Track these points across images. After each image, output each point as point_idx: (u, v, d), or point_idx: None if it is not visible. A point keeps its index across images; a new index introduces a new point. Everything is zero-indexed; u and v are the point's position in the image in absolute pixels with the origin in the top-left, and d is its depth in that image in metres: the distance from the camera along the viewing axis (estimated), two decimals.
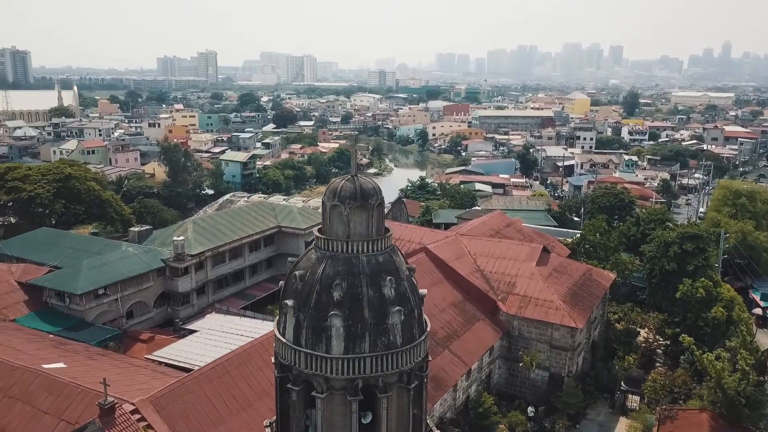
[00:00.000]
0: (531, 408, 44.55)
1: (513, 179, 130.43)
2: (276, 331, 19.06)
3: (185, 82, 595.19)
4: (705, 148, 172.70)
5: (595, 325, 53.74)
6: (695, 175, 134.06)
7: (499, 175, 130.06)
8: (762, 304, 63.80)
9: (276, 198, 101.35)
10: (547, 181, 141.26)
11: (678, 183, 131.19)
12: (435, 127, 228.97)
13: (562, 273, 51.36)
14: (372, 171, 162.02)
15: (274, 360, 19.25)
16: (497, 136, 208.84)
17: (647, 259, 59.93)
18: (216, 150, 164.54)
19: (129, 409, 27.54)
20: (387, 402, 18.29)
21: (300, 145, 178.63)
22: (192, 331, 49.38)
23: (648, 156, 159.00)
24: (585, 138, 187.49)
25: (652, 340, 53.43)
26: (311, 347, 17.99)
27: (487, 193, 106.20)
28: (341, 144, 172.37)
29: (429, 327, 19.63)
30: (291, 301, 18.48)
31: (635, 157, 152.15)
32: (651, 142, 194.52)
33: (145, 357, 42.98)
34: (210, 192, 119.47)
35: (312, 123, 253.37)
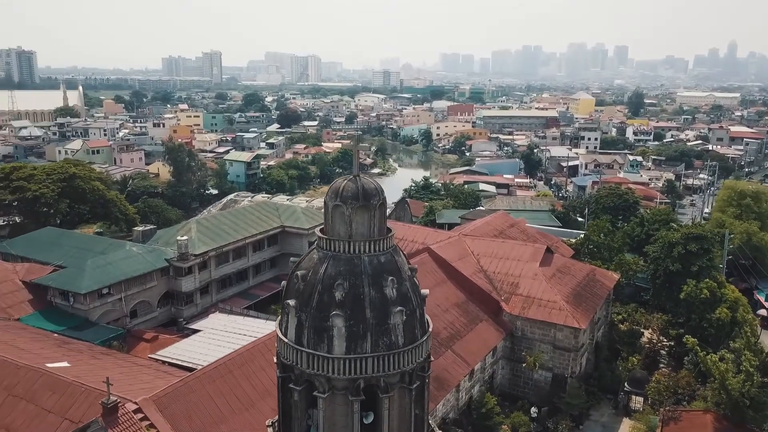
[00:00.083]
0: (534, 409, 44.48)
1: (517, 179, 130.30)
2: (278, 331, 19.08)
3: (190, 82, 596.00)
4: (710, 148, 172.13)
5: (599, 326, 53.62)
6: (700, 176, 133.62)
7: (503, 176, 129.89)
8: (767, 305, 63.51)
9: (280, 198, 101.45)
10: (552, 182, 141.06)
11: (683, 183, 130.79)
12: (439, 127, 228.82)
13: (565, 273, 51.28)
14: (376, 171, 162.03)
15: (276, 360, 19.27)
16: (501, 136, 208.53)
17: (651, 260, 59.79)
18: (220, 150, 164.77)
19: (132, 409, 27.61)
20: (389, 402, 18.28)
21: (304, 145, 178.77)
22: (195, 331, 49.54)
23: (653, 156, 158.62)
24: (589, 138, 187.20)
25: (656, 341, 53.28)
26: (313, 347, 17.99)
27: (491, 194, 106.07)
28: (343, 144, 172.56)
29: (431, 327, 19.60)
30: (293, 301, 18.49)
31: (640, 158, 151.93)
32: (656, 142, 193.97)
33: (149, 356, 43.13)
34: (214, 192, 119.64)
35: (316, 123, 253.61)
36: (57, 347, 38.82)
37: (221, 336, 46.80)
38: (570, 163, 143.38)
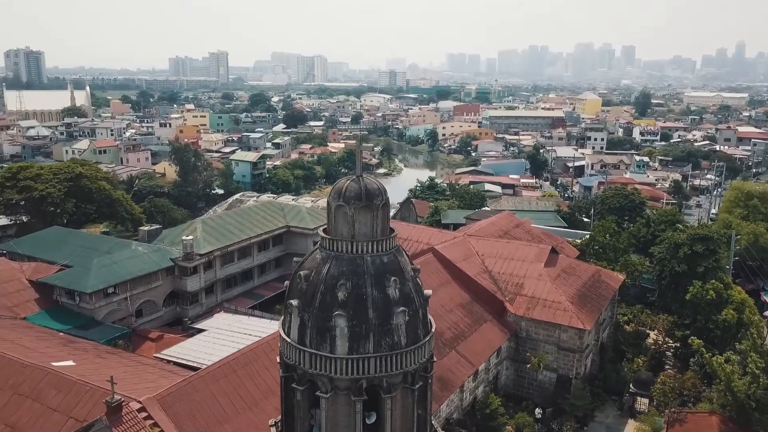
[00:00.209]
0: (538, 409, 44.40)
1: (523, 180, 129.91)
2: (281, 331, 19.11)
3: (196, 82, 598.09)
4: (717, 148, 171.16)
5: (604, 327, 53.43)
6: (707, 176, 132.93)
7: (509, 176, 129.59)
8: None
9: (285, 198, 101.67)
10: (558, 182, 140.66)
11: (690, 184, 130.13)
12: (445, 128, 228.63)
13: (570, 274, 51.13)
14: (381, 171, 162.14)
15: (279, 360, 19.30)
16: (507, 136, 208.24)
17: (657, 261, 59.47)
18: (226, 150, 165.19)
19: (136, 407, 27.70)
20: (391, 402, 18.27)
21: (310, 145, 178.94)
22: (200, 330, 49.61)
23: (659, 157, 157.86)
24: (596, 138, 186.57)
25: (661, 342, 53.03)
26: (315, 347, 18.01)
27: (497, 194, 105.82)
28: (347, 144, 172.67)
29: (434, 328, 19.59)
30: (296, 301, 18.51)
31: (646, 158, 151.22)
32: (663, 142, 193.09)
33: (154, 355, 43.24)
34: (220, 192, 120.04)
35: (322, 123, 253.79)
36: (63, 346, 39.00)
37: (226, 336, 46.88)
38: (576, 164, 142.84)
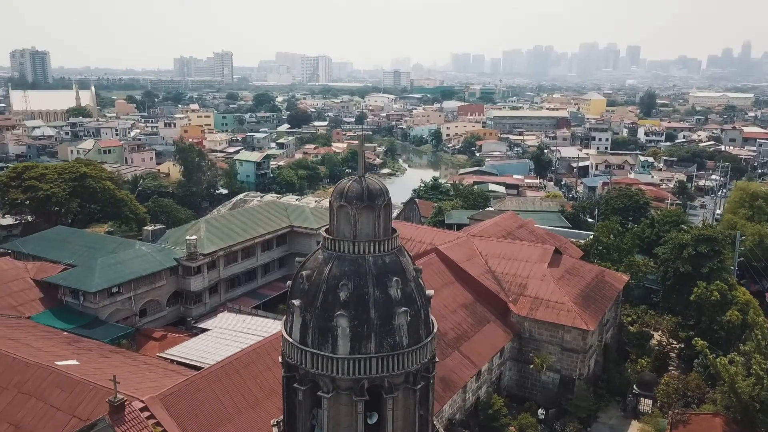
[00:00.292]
0: (541, 410, 44.32)
1: (527, 180, 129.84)
2: (283, 331, 19.16)
3: (201, 82, 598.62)
4: (723, 149, 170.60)
5: (608, 328, 53.30)
6: (712, 177, 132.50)
7: (513, 176, 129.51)
8: None
9: (289, 198, 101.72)
10: (562, 182, 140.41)
11: (694, 184, 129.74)
12: (449, 128, 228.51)
13: (574, 275, 51.03)
14: (385, 171, 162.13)
15: (281, 359, 19.34)
16: (512, 136, 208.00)
17: (661, 262, 59.35)
18: (230, 150, 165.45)
19: (138, 407, 27.78)
20: (393, 403, 18.30)
21: (314, 146, 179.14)
22: (204, 330, 49.77)
23: (664, 157, 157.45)
24: (600, 139, 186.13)
25: (665, 343, 52.86)
26: (317, 347, 18.05)
27: (501, 194, 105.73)
28: (349, 144, 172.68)
29: (436, 328, 19.61)
30: (298, 301, 18.56)
31: (651, 159, 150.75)
32: (668, 143, 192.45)
33: (158, 355, 43.36)
34: (224, 192, 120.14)
35: (326, 123, 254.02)
36: (67, 345, 39.13)
37: (229, 335, 46.98)
38: (580, 164, 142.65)
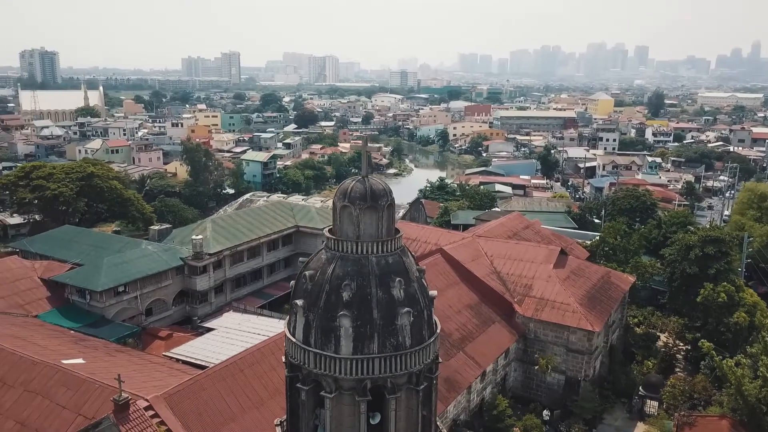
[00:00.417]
0: (546, 411, 44.18)
1: (533, 180, 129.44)
2: (286, 331, 19.19)
3: (209, 82, 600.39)
4: (731, 149, 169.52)
5: (614, 329, 53.08)
6: (720, 178, 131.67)
7: (520, 176, 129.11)
8: None
9: (295, 198, 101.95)
10: (569, 183, 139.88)
11: (702, 185, 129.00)
12: (456, 128, 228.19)
13: (580, 276, 50.86)
14: (392, 171, 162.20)
15: (284, 359, 19.37)
16: (519, 136, 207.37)
17: (668, 263, 59.03)
18: (237, 150, 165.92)
19: (143, 406, 27.88)
20: (395, 403, 18.28)
21: (320, 146, 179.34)
22: (210, 329, 49.95)
23: (672, 158, 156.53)
24: (608, 139, 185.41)
25: (671, 344, 52.63)
26: (320, 347, 18.06)
27: (507, 195, 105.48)
28: (353, 144, 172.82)
29: (439, 328, 19.57)
30: (301, 301, 18.58)
31: (659, 159, 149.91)
32: (675, 143, 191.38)
33: (163, 354, 43.51)
34: (230, 191, 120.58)
35: (333, 123, 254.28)
36: (73, 344, 39.34)
37: (235, 335, 47.12)
38: (587, 165, 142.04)
